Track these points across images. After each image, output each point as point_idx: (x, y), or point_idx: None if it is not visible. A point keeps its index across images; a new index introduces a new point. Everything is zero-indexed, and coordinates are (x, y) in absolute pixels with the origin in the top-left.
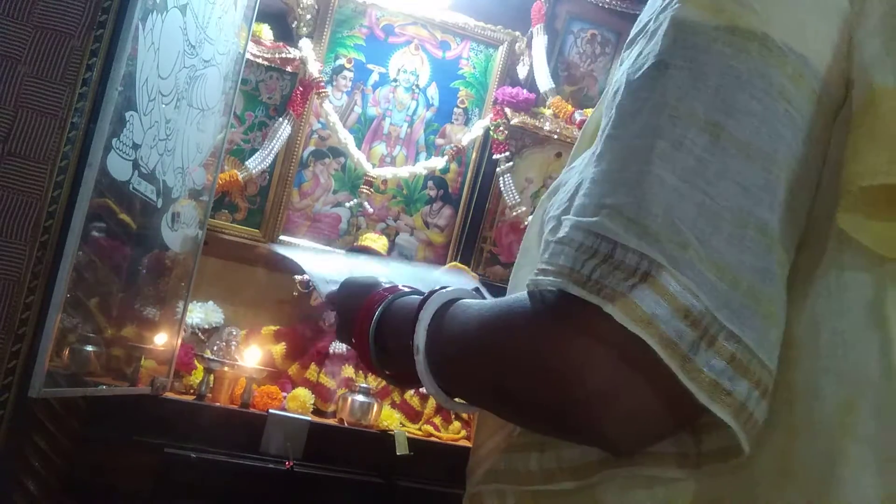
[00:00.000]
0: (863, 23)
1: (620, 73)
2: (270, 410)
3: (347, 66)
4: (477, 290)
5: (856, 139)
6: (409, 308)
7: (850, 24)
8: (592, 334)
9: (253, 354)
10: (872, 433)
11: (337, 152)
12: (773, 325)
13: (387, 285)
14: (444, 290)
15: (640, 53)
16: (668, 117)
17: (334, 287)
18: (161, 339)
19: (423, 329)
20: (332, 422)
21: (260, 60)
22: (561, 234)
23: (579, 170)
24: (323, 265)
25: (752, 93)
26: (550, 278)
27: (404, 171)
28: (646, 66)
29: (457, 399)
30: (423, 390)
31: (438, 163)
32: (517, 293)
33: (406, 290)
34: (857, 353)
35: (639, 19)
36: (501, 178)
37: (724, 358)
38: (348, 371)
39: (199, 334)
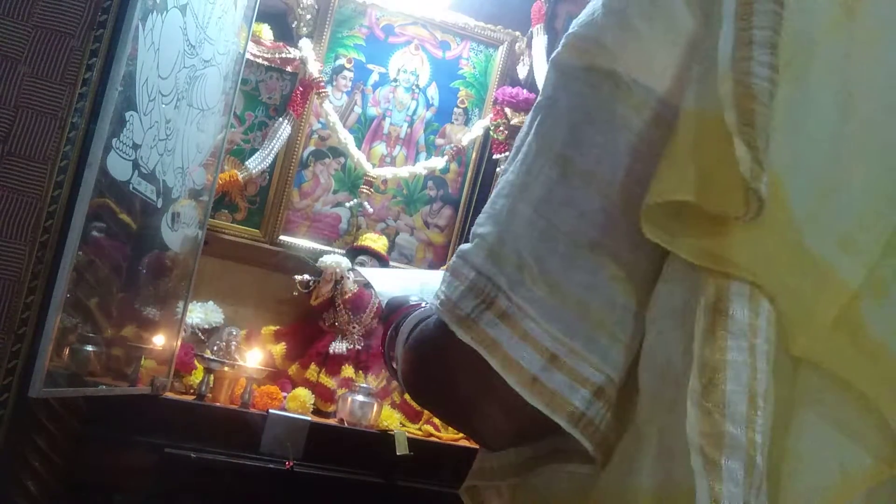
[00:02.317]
0: (699, 48)
1: None
2: (270, 410)
3: (347, 66)
4: None
5: (663, 159)
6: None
7: (694, 47)
8: (458, 353)
9: (253, 354)
10: (662, 425)
11: (337, 152)
12: (602, 332)
13: (413, 302)
14: (417, 312)
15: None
16: (533, 154)
17: None
18: (161, 339)
19: (400, 346)
20: (332, 422)
21: (260, 60)
22: (452, 258)
23: None
24: (392, 284)
25: (597, 127)
26: (436, 304)
27: (404, 171)
28: (532, 108)
29: None
30: None
31: (438, 163)
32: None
33: (424, 306)
34: (668, 350)
35: None
36: (501, 178)
37: (563, 371)
38: (348, 371)
39: (199, 334)
